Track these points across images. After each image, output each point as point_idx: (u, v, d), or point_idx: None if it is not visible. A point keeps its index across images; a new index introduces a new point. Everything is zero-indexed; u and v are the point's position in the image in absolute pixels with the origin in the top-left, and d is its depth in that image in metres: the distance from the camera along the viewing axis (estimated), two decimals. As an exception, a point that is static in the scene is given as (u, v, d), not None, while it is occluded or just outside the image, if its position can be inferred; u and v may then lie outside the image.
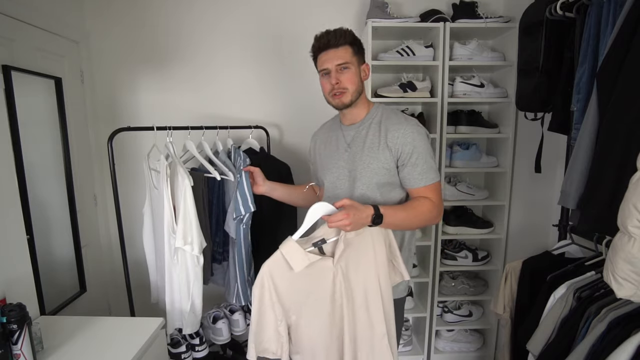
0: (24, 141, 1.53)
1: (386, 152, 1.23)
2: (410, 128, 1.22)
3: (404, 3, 2.12)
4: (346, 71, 1.23)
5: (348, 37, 1.23)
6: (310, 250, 1.13)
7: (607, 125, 1.03)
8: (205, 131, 1.72)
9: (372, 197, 1.26)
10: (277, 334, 1.15)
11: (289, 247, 1.11)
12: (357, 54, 1.25)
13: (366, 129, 1.28)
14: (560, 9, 1.26)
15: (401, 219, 1.19)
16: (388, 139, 1.23)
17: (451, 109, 2.06)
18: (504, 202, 2.07)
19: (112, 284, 2.23)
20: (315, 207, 1.12)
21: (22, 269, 1.33)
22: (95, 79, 2.13)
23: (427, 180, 1.22)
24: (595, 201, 1.06)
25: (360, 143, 1.27)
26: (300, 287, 1.14)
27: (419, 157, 1.21)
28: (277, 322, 1.14)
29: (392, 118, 1.26)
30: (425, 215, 1.22)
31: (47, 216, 1.77)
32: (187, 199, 1.47)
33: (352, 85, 1.24)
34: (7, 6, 1.53)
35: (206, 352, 1.84)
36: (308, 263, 1.11)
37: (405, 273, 1.25)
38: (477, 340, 2.27)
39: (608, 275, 0.95)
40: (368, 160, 1.25)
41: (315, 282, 1.15)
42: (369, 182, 1.25)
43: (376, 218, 1.12)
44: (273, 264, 1.13)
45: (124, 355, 1.18)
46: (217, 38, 2.13)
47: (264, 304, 1.13)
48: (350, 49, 1.23)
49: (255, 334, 1.14)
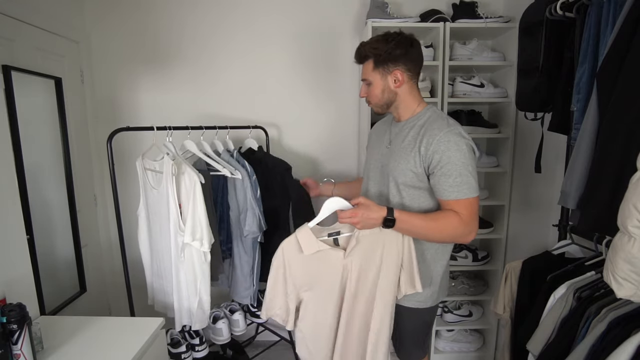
0: (24, 141, 1.53)
1: (417, 156, 1.21)
2: (447, 137, 1.16)
3: (404, 3, 2.12)
4: (369, 86, 1.28)
5: (364, 52, 1.25)
6: (324, 239, 1.24)
7: (607, 125, 1.03)
8: (205, 131, 1.72)
9: (397, 198, 1.27)
10: (286, 306, 1.27)
11: (304, 233, 1.22)
12: (380, 66, 1.24)
13: (409, 129, 1.28)
14: (560, 9, 1.26)
15: (418, 228, 1.18)
16: (422, 143, 1.20)
17: (451, 109, 2.06)
18: (504, 202, 2.07)
19: (112, 284, 2.23)
20: (330, 200, 1.20)
21: (22, 269, 1.33)
22: (95, 79, 2.13)
23: (459, 193, 1.16)
24: (595, 201, 1.05)
25: (400, 141, 1.28)
26: (311, 270, 1.25)
27: (452, 169, 1.15)
28: (286, 294, 1.26)
29: (434, 123, 1.23)
30: (449, 231, 1.17)
31: (47, 216, 1.77)
32: (197, 196, 1.48)
33: (374, 98, 1.29)
34: (7, 6, 1.53)
35: (206, 352, 1.84)
36: (316, 250, 1.22)
37: (418, 285, 1.25)
38: (477, 340, 2.27)
39: (608, 275, 0.95)
40: (399, 160, 1.25)
41: (325, 269, 1.24)
42: (395, 181, 1.26)
43: (387, 221, 1.13)
44: (287, 244, 1.24)
45: (124, 355, 1.18)
46: (217, 38, 2.13)
47: (279, 274, 1.24)
48: (371, 63, 1.25)
49: (269, 298, 1.26)
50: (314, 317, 1.28)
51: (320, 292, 1.26)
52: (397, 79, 1.25)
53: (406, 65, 1.24)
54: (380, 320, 1.25)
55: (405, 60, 1.24)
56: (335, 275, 1.24)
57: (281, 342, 2.25)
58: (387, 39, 1.23)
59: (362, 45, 1.27)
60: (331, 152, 2.27)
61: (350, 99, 2.22)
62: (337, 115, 2.23)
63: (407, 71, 1.25)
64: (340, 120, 2.22)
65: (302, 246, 1.22)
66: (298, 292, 1.27)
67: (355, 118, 2.23)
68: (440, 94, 1.95)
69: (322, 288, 1.26)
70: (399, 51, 1.22)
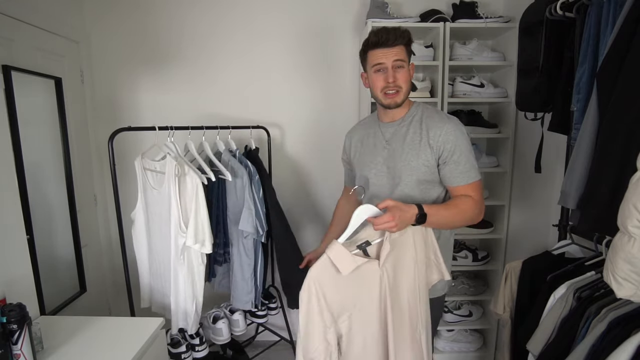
0: (24, 141, 1.53)
1: (427, 150, 1.23)
2: (452, 127, 1.22)
3: (404, 3, 2.12)
4: (401, 70, 1.22)
5: (405, 37, 1.22)
6: (355, 252, 1.12)
7: (607, 125, 1.03)
8: (206, 131, 1.72)
9: (412, 195, 1.27)
10: (326, 343, 1.11)
11: (336, 251, 1.09)
12: (409, 55, 1.25)
13: (406, 127, 1.28)
14: (560, 9, 1.26)
15: (445, 217, 1.19)
16: (430, 137, 1.23)
17: (451, 109, 2.06)
18: (504, 202, 2.07)
19: (112, 284, 2.23)
20: (360, 210, 1.12)
21: (22, 269, 1.33)
22: (95, 79, 2.13)
23: (469, 178, 1.22)
24: (595, 201, 1.05)
25: (400, 140, 1.28)
26: (349, 292, 1.12)
27: (461, 156, 1.21)
28: (325, 329, 1.10)
29: (434, 116, 1.26)
30: (468, 213, 1.22)
31: (47, 216, 1.77)
32: (199, 197, 1.48)
33: (406, 84, 1.24)
34: (7, 6, 1.53)
35: (206, 352, 1.84)
36: (355, 266, 1.09)
37: (446, 272, 1.25)
38: (477, 340, 2.27)
39: (608, 275, 0.95)
40: (409, 158, 1.25)
41: (363, 285, 1.13)
42: (410, 179, 1.26)
43: (420, 217, 1.12)
44: (321, 269, 1.10)
45: (124, 355, 1.18)
46: (217, 38, 2.13)
47: (311, 309, 1.09)
48: (405, 49, 1.23)
49: (304, 342, 1.10)
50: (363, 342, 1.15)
51: (361, 313, 1.14)
52: (412, 72, 1.27)
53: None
54: (425, 319, 1.23)
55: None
56: (374, 288, 1.13)
57: (281, 342, 2.25)
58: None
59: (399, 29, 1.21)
60: (331, 151, 2.27)
61: (351, 99, 2.22)
62: (337, 114, 2.23)
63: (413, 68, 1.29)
64: (340, 120, 2.22)
65: (338, 266, 1.08)
66: (337, 322, 1.12)
67: (355, 117, 2.23)
68: (440, 94, 1.95)
69: (364, 308, 1.14)
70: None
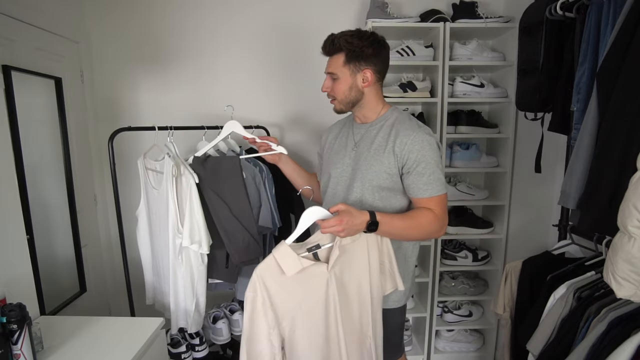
0: (24, 141, 1.53)
1: (391, 157, 1.21)
2: (420, 136, 1.18)
3: (404, 3, 2.11)
4: (335, 81, 1.24)
5: (338, 45, 1.19)
6: (304, 255, 1.12)
7: (607, 125, 1.03)
8: (207, 131, 1.72)
9: (370, 200, 1.25)
10: (270, 345, 1.10)
11: (282, 252, 1.09)
12: (351, 62, 1.20)
13: (377, 130, 1.27)
14: (560, 9, 1.26)
15: (399, 228, 1.17)
16: (396, 144, 1.20)
17: (451, 109, 2.06)
18: (504, 202, 2.07)
19: (112, 284, 2.23)
20: (309, 211, 1.11)
21: (22, 269, 1.33)
22: (95, 79, 2.13)
23: (432, 191, 1.18)
24: (595, 201, 1.06)
25: (368, 143, 1.26)
26: (294, 293, 1.12)
27: (426, 167, 1.18)
28: (269, 331, 1.10)
29: (405, 123, 1.23)
30: (426, 227, 1.19)
31: (47, 216, 1.77)
32: (193, 198, 1.47)
33: (340, 94, 1.25)
34: (7, 6, 1.53)
35: (206, 352, 1.84)
36: (300, 268, 1.09)
37: (400, 283, 1.24)
38: (477, 340, 2.27)
39: (608, 275, 0.95)
40: (371, 162, 1.23)
41: (309, 288, 1.13)
42: (369, 184, 1.24)
43: (371, 225, 1.10)
44: (265, 268, 1.10)
45: (124, 355, 1.18)
46: (218, 38, 2.13)
47: (256, 309, 1.09)
48: (342, 57, 1.20)
49: (247, 343, 1.10)
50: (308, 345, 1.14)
51: (307, 316, 1.14)
52: (365, 79, 1.23)
53: (376, 66, 1.23)
54: (377, 325, 1.22)
55: (376, 61, 1.22)
56: (320, 292, 1.13)
57: (281, 342, 2.24)
58: (361, 36, 1.20)
59: (336, 37, 1.21)
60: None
61: (350, 99, 2.22)
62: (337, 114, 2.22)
63: (377, 72, 1.24)
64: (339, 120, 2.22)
65: (283, 267, 1.08)
66: (281, 324, 1.12)
67: (355, 118, 2.23)
68: (440, 94, 1.95)
69: (310, 311, 1.13)
70: (372, 50, 1.20)
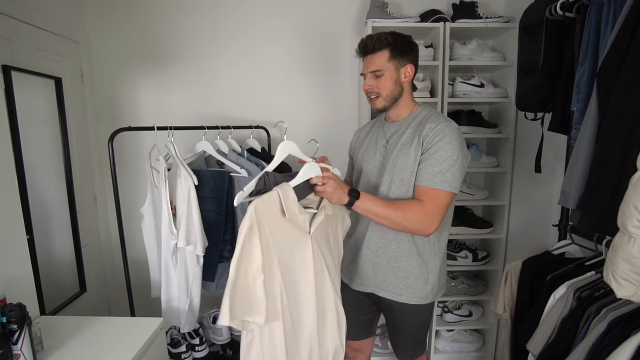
0: (24, 141, 1.53)
1: (418, 148, 1.22)
2: (443, 129, 1.20)
3: (404, 3, 2.11)
4: (380, 77, 1.26)
5: (384, 41, 1.23)
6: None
7: (606, 125, 1.03)
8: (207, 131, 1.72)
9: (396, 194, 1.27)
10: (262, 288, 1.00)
11: (287, 192, 1.03)
12: (396, 57, 1.24)
13: (406, 127, 1.30)
14: (560, 9, 1.26)
15: (380, 209, 1.17)
16: (422, 132, 1.23)
17: (451, 109, 2.06)
18: (504, 202, 2.07)
19: (112, 284, 2.23)
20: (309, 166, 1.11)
21: (22, 269, 1.33)
22: (95, 79, 2.13)
23: (433, 182, 1.17)
24: (595, 201, 1.05)
25: (397, 140, 1.29)
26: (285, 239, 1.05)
27: (437, 159, 1.17)
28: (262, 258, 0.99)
29: (433, 117, 1.27)
30: (408, 217, 1.17)
31: (47, 216, 1.77)
32: (191, 199, 1.47)
33: (385, 90, 1.27)
34: (7, 6, 1.53)
35: (206, 352, 1.84)
36: (299, 213, 1.06)
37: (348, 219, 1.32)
38: (477, 340, 2.27)
39: (608, 275, 0.95)
40: (398, 155, 1.26)
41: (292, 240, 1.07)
42: (396, 176, 1.26)
43: (352, 192, 1.14)
44: (263, 203, 0.99)
45: (124, 355, 1.18)
46: (217, 38, 2.13)
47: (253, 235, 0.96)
48: (387, 53, 1.24)
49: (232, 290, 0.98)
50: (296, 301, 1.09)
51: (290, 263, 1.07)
52: (407, 74, 1.27)
53: (414, 62, 1.29)
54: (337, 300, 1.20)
55: (413, 58, 1.29)
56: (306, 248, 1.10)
57: (281, 342, 2.24)
58: (397, 34, 1.26)
59: (379, 35, 1.24)
60: (331, 151, 2.26)
61: (351, 99, 2.21)
62: (337, 114, 2.23)
63: (414, 69, 1.29)
64: (340, 120, 2.22)
65: (285, 206, 1.01)
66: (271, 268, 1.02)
67: (355, 117, 2.23)
68: (440, 94, 1.95)
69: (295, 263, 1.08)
70: (410, 47, 1.27)
